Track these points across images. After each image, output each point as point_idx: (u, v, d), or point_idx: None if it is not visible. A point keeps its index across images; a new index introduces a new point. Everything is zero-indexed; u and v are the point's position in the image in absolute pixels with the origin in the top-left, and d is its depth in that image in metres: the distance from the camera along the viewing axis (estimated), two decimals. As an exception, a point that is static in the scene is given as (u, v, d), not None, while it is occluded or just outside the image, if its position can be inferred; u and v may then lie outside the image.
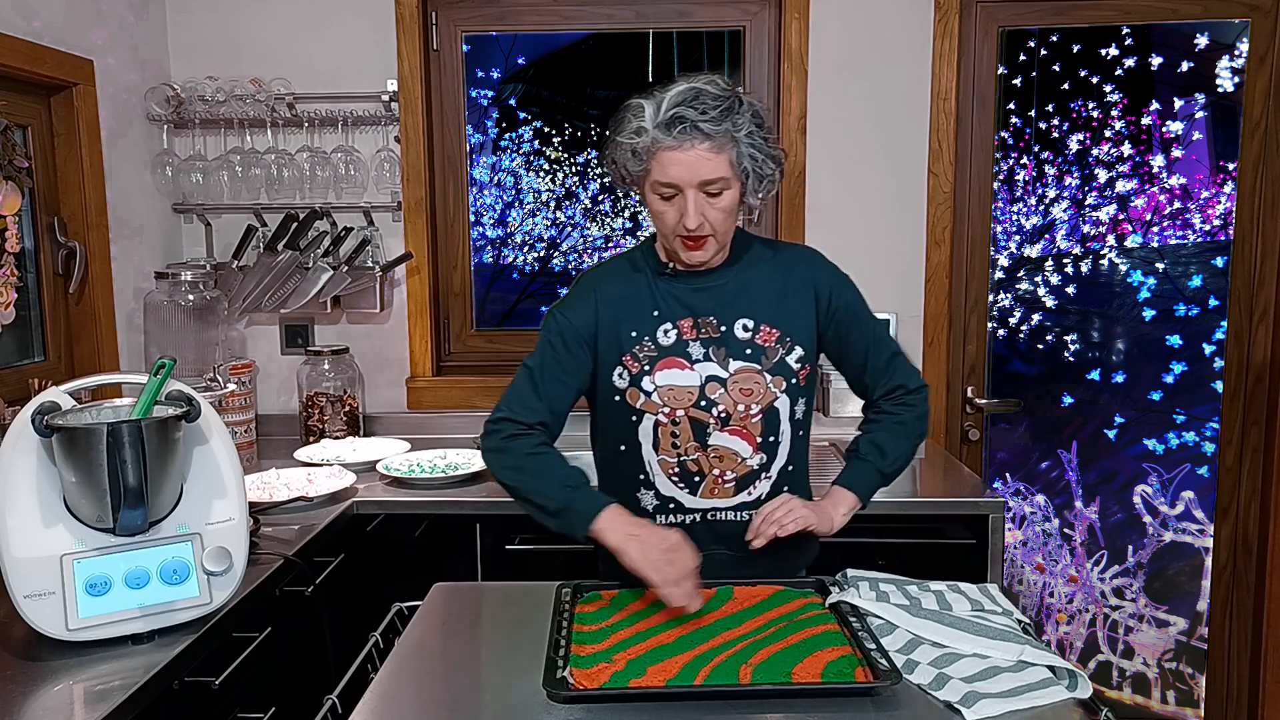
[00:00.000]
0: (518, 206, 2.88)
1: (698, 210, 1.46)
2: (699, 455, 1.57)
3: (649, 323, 1.57)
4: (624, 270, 1.63)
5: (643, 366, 1.56)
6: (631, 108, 1.48)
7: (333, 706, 1.30)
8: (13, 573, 1.36)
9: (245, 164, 2.69)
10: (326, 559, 1.97)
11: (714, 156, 1.44)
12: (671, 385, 1.55)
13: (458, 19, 2.76)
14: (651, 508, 1.61)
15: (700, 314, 1.57)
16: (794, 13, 2.64)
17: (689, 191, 1.46)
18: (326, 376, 2.69)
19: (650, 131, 1.44)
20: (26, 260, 2.23)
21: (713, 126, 1.43)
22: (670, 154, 1.44)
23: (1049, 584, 2.85)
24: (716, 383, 1.55)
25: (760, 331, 1.57)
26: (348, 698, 1.27)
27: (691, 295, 1.58)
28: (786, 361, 1.57)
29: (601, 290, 1.60)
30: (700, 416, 1.56)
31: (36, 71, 2.16)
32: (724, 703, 1.17)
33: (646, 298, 1.59)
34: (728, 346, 1.56)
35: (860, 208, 2.71)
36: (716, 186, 1.46)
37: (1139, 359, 2.76)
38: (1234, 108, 2.64)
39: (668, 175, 1.45)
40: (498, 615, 1.51)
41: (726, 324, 1.57)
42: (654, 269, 1.61)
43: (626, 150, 1.48)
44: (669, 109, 1.43)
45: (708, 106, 1.43)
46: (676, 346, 1.56)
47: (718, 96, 1.44)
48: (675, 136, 1.43)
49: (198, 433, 1.51)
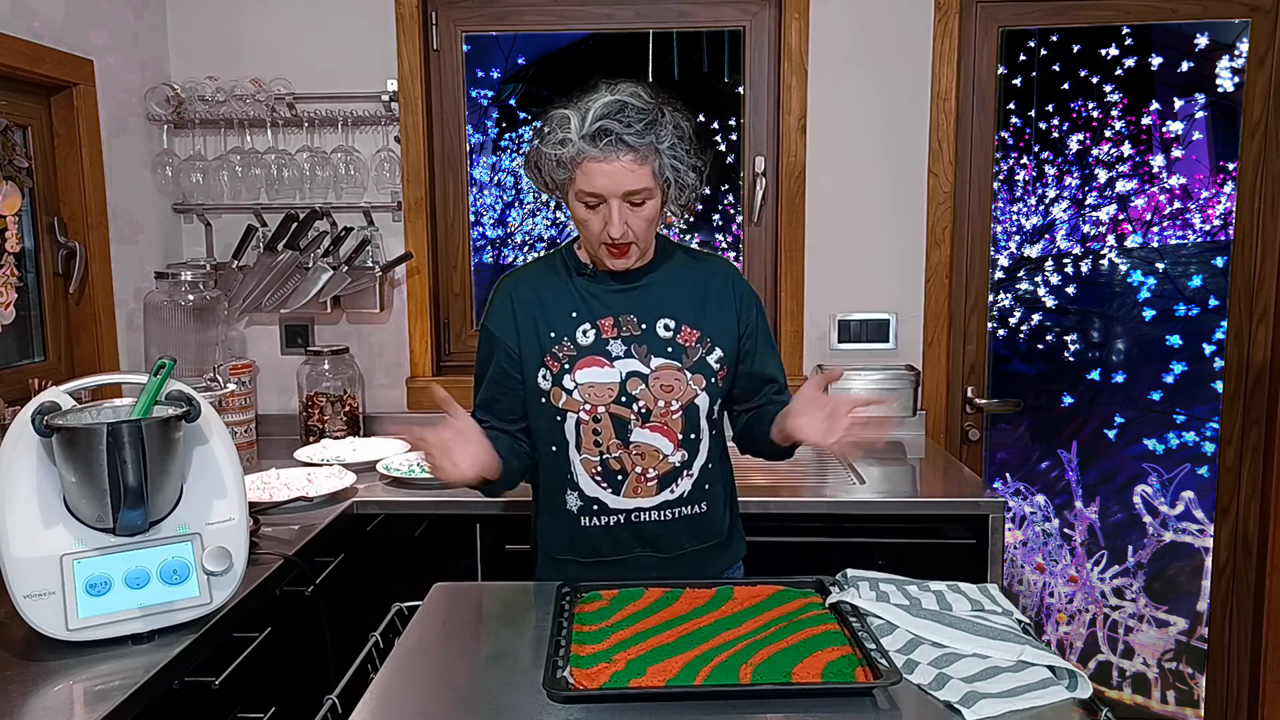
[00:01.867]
0: (518, 206, 2.88)
1: (621, 219, 1.50)
2: (621, 453, 1.59)
3: (568, 323, 1.61)
4: (541, 273, 1.67)
5: (563, 366, 1.59)
6: (556, 118, 1.50)
7: (333, 706, 1.30)
8: (13, 573, 1.36)
9: (245, 164, 2.69)
10: (326, 559, 1.97)
11: (637, 168, 1.47)
12: (592, 383, 1.58)
13: (458, 19, 2.76)
14: (576, 509, 1.63)
15: (620, 313, 1.60)
16: (794, 13, 2.64)
17: (613, 201, 1.49)
18: (326, 376, 2.69)
19: (576, 143, 1.47)
20: (26, 260, 2.23)
21: (637, 139, 1.45)
22: (595, 165, 1.47)
23: (1049, 584, 2.85)
24: (638, 379, 1.58)
25: (681, 331, 1.61)
26: (348, 698, 1.27)
27: (611, 296, 1.61)
28: (707, 361, 1.61)
29: (517, 296, 1.64)
30: (621, 413, 1.58)
31: (36, 71, 2.16)
32: (724, 703, 1.17)
33: (565, 299, 1.62)
34: (649, 344, 1.59)
35: (860, 208, 2.71)
36: (640, 196, 1.50)
37: (1139, 359, 2.76)
38: (1234, 108, 2.64)
39: (592, 185, 1.48)
40: (498, 615, 1.51)
41: (648, 323, 1.60)
42: (573, 269, 1.64)
43: (552, 159, 1.50)
44: (594, 121, 1.45)
45: (632, 119, 1.45)
46: (596, 345, 1.59)
47: (641, 110, 1.47)
48: (601, 149, 1.45)
49: (198, 433, 1.51)
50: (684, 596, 1.44)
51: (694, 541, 1.66)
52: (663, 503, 1.62)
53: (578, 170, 1.49)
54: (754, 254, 2.81)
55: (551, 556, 1.70)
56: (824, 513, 2.14)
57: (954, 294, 2.74)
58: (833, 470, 2.40)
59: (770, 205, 2.77)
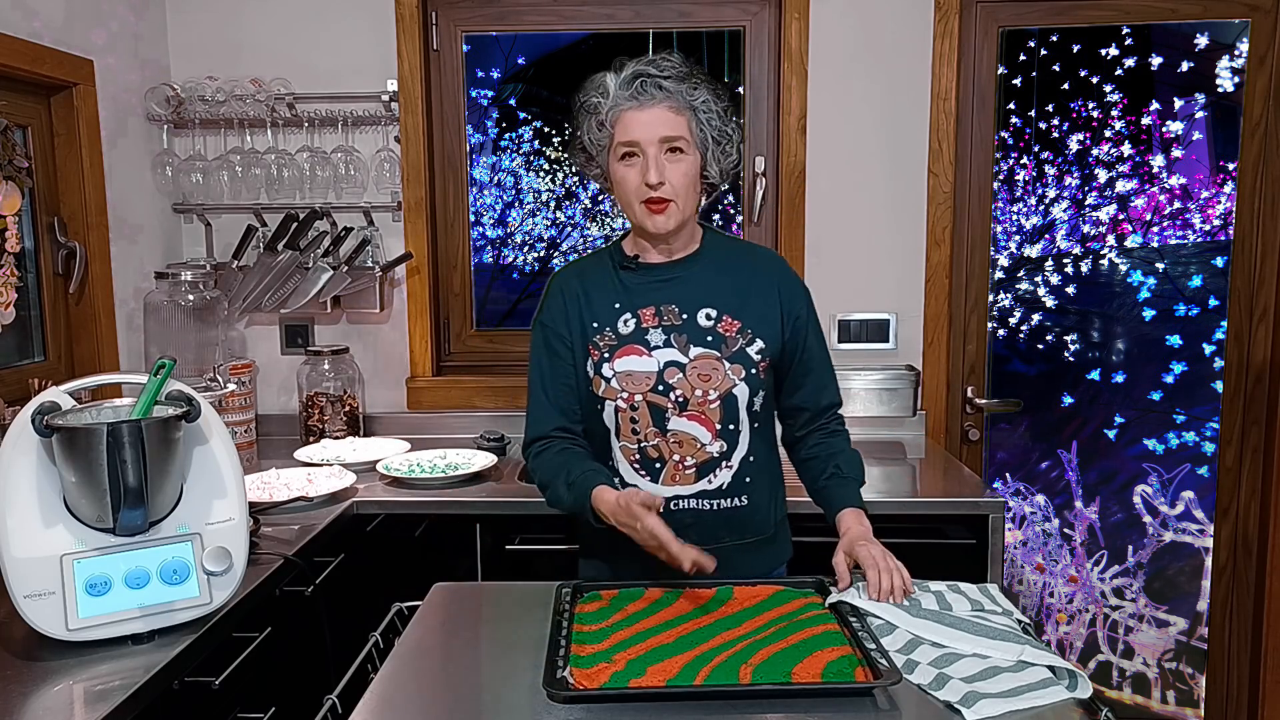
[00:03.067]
0: (518, 206, 2.88)
1: (658, 167, 1.53)
2: (659, 440, 1.59)
3: (610, 314, 1.62)
4: (587, 266, 1.70)
5: (603, 354, 1.60)
6: (594, 79, 1.58)
7: (333, 706, 1.30)
8: (13, 573, 1.36)
9: (245, 164, 2.69)
10: (326, 559, 1.97)
11: (673, 115, 1.52)
12: (630, 371, 1.59)
13: (458, 19, 2.76)
14: None
15: (662, 303, 1.62)
16: (794, 13, 2.64)
17: (649, 149, 1.52)
18: (326, 376, 2.69)
19: (613, 93, 1.53)
20: (26, 260, 2.23)
21: (673, 84, 1.52)
22: (631, 114, 1.53)
23: (1049, 584, 2.85)
24: (675, 368, 1.58)
25: (722, 321, 1.61)
26: (348, 698, 1.27)
27: (653, 286, 1.63)
28: (747, 352, 1.60)
29: (567, 287, 1.66)
30: (658, 401, 1.58)
31: (36, 71, 2.16)
32: (724, 703, 1.17)
33: (609, 290, 1.64)
34: (689, 334, 1.60)
35: (860, 208, 2.71)
36: (677, 145, 1.53)
37: (1139, 359, 2.76)
38: (1234, 108, 2.64)
39: (629, 134, 1.53)
40: (498, 615, 1.51)
41: (689, 313, 1.61)
42: (617, 263, 1.66)
43: (592, 119, 1.56)
44: (630, 70, 1.53)
45: (666, 66, 1.53)
46: (635, 334, 1.60)
47: (675, 63, 1.54)
48: (635, 94, 1.52)
49: (198, 433, 1.51)
50: (684, 596, 1.44)
51: (734, 536, 1.64)
52: (700, 492, 1.61)
53: (616, 125, 1.54)
54: (754, 254, 2.81)
55: (591, 549, 1.70)
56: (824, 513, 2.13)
57: (954, 294, 2.74)
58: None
59: (770, 205, 2.77)
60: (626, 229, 1.71)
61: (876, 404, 2.63)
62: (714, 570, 1.42)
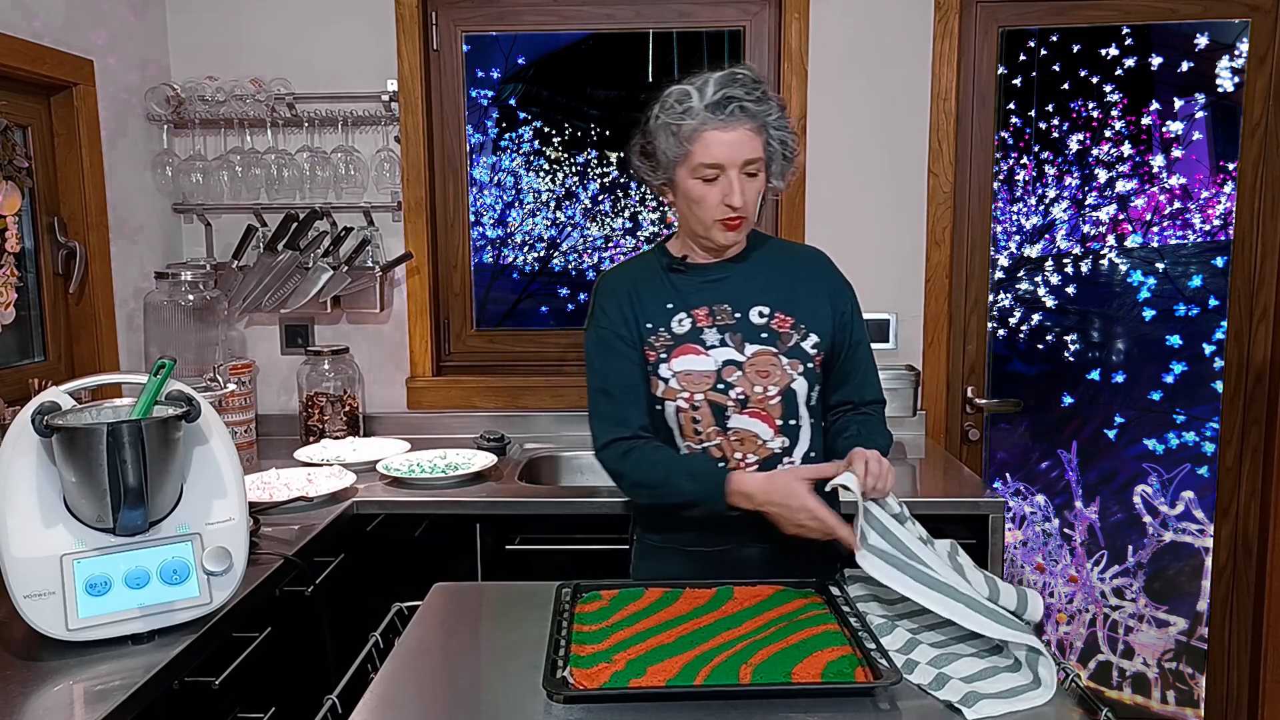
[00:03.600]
0: (518, 206, 2.88)
1: (741, 188, 1.53)
2: (720, 440, 1.59)
3: (663, 314, 1.63)
4: (636, 268, 1.70)
5: (659, 355, 1.60)
6: (674, 93, 1.54)
7: (333, 706, 1.29)
8: (13, 573, 1.36)
9: (245, 164, 2.68)
10: (326, 559, 1.97)
11: (754, 138, 1.53)
12: (688, 370, 1.59)
13: (458, 19, 2.76)
14: None
15: (714, 303, 1.62)
16: (794, 13, 2.64)
17: (732, 171, 1.53)
18: (326, 376, 2.69)
19: (700, 112, 1.50)
20: (26, 260, 2.23)
21: (756, 107, 1.52)
22: (716, 134, 1.51)
23: (1049, 584, 2.85)
24: (733, 366, 1.59)
25: (775, 318, 1.62)
26: (348, 698, 1.26)
27: (704, 287, 1.63)
28: (802, 346, 1.61)
29: (620, 288, 1.66)
30: (718, 399, 1.58)
31: (36, 71, 2.16)
32: (724, 703, 1.17)
33: (660, 292, 1.64)
34: (744, 332, 1.61)
35: (860, 208, 2.71)
36: (754, 167, 1.54)
37: (1139, 359, 2.76)
38: (1234, 108, 2.64)
39: (712, 156, 1.52)
40: (498, 615, 1.51)
41: (741, 311, 1.62)
42: (665, 265, 1.66)
43: (669, 132, 1.53)
44: (717, 90, 1.51)
45: (749, 88, 1.52)
46: (691, 334, 1.61)
47: (756, 81, 1.54)
48: (723, 117, 1.50)
49: (198, 433, 1.51)
50: (684, 596, 1.44)
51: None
52: None
53: (696, 142, 1.52)
54: (754, 254, 2.81)
55: (654, 546, 1.69)
56: (824, 513, 2.13)
57: (954, 294, 2.74)
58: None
59: (770, 205, 2.77)
60: (670, 232, 1.72)
61: (876, 404, 2.63)
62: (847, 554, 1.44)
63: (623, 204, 2.85)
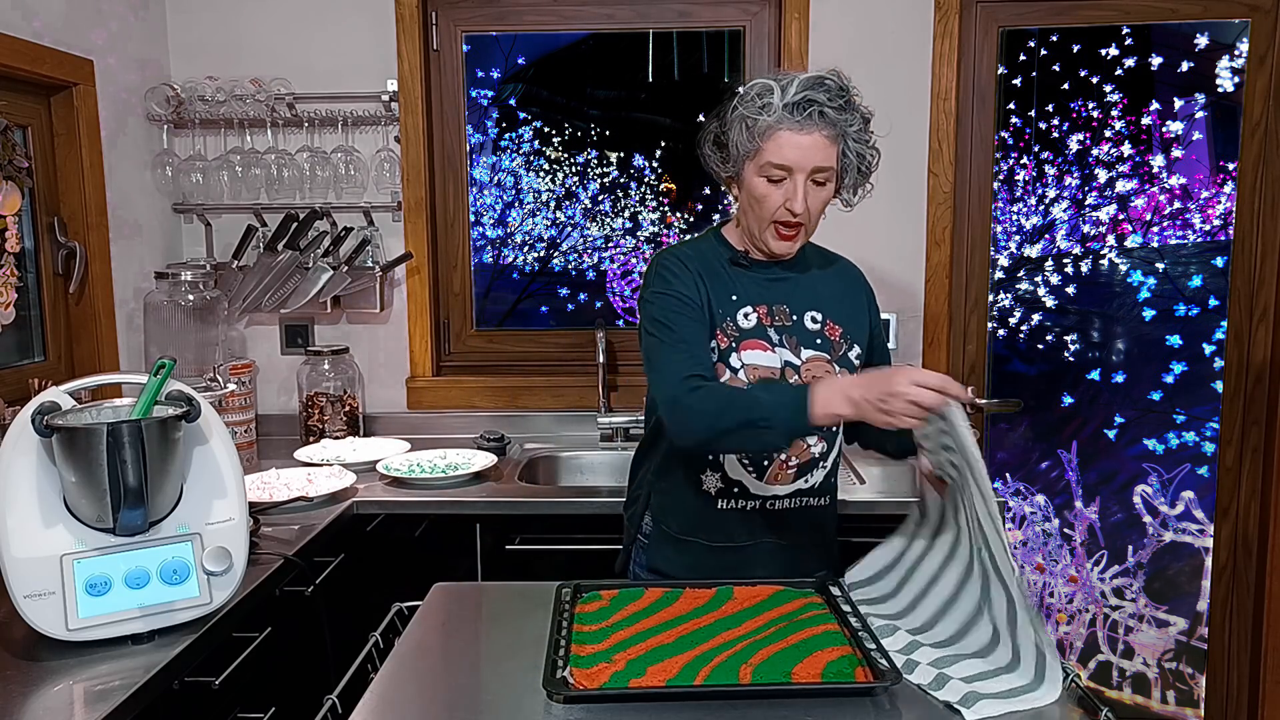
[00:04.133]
0: (518, 206, 2.88)
1: (804, 195, 1.51)
2: None
3: (730, 305, 1.61)
4: (703, 252, 1.65)
5: (730, 343, 1.59)
6: (758, 86, 1.51)
7: (333, 706, 1.29)
8: (13, 573, 1.36)
9: (245, 164, 2.68)
10: (326, 559, 1.97)
11: (828, 146, 1.50)
12: (757, 364, 1.58)
13: (458, 19, 2.76)
14: (715, 490, 1.63)
15: (773, 302, 1.62)
16: (794, 13, 2.64)
17: (799, 176, 1.50)
18: (326, 376, 2.69)
19: (778, 109, 1.47)
20: (26, 260, 2.23)
21: (835, 115, 1.49)
22: (790, 135, 1.48)
23: (1049, 584, 2.85)
24: (791, 368, 1.59)
25: (827, 325, 1.63)
26: (348, 698, 1.27)
27: (764, 285, 1.63)
28: (848, 356, 1.63)
29: (689, 265, 1.60)
30: None
31: (36, 71, 2.16)
32: (724, 703, 1.17)
33: (724, 281, 1.62)
34: (799, 336, 1.61)
35: (860, 207, 2.69)
36: (824, 175, 1.52)
37: (1139, 359, 2.76)
38: (1234, 108, 2.64)
39: (783, 157, 1.49)
40: (498, 615, 1.51)
41: (797, 314, 1.62)
42: (729, 256, 1.64)
43: (744, 125, 1.50)
44: (799, 91, 1.47)
45: (833, 95, 1.49)
46: (757, 330, 1.60)
47: (841, 88, 1.51)
48: (800, 119, 1.47)
49: (198, 433, 1.51)
50: (684, 596, 1.44)
51: (811, 534, 1.67)
52: (795, 491, 1.63)
53: (769, 140, 1.49)
54: (754, 254, 2.81)
55: (674, 536, 1.67)
56: (824, 513, 2.13)
57: (954, 294, 2.74)
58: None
59: (770, 205, 2.77)
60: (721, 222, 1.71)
61: (876, 404, 2.63)
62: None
63: (623, 204, 2.85)
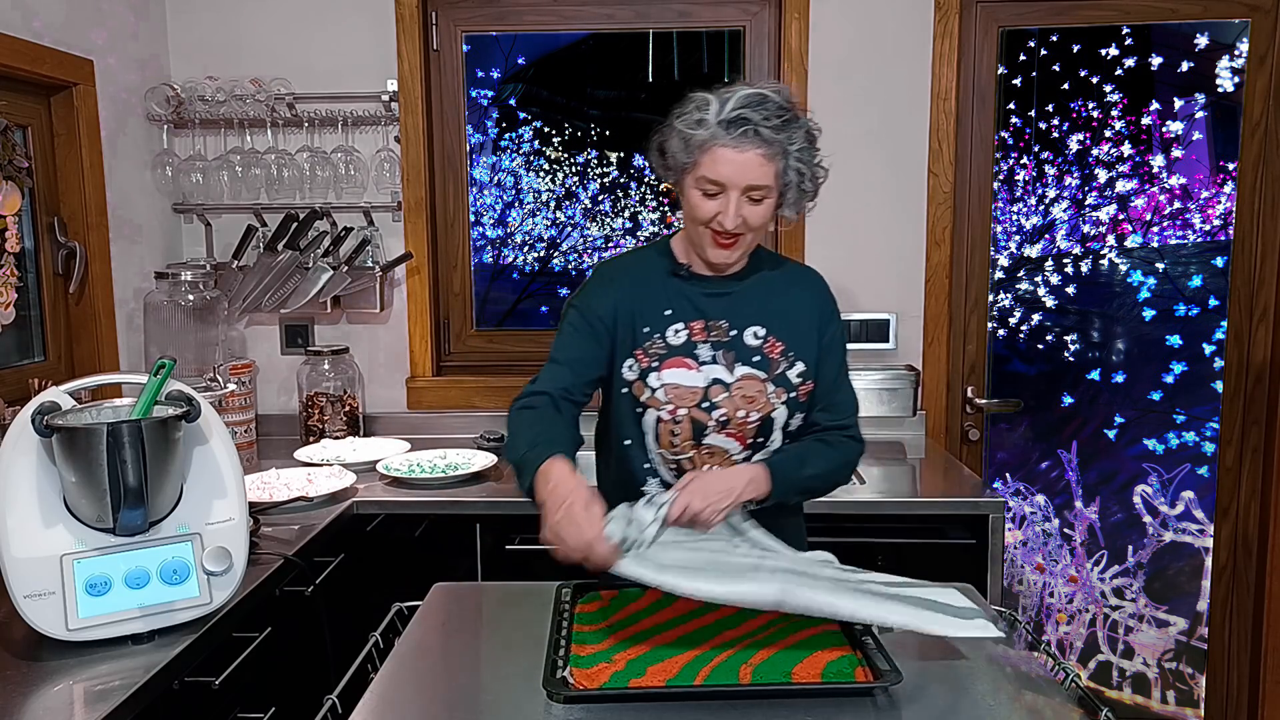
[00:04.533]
0: (518, 206, 2.88)
1: (738, 212, 1.49)
2: (694, 452, 1.59)
3: (661, 321, 1.60)
4: (641, 264, 1.65)
5: (651, 363, 1.58)
6: (695, 99, 1.50)
7: (333, 706, 1.29)
8: (13, 573, 1.36)
9: (245, 164, 2.68)
10: (326, 559, 1.97)
11: (765, 164, 1.48)
12: (677, 384, 1.57)
13: (458, 19, 2.76)
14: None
15: (712, 317, 1.60)
16: (794, 13, 2.64)
17: (732, 193, 1.48)
18: (326, 376, 2.69)
19: (711, 125, 1.46)
20: (26, 260, 2.23)
21: (772, 134, 1.46)
22: (724, 152, 1.47)
23: (1049, 584, 2.85)
24: (720, 386, 1.57)
25: (768, 342, 1.60)
26: (348, 698, 1.26)
27: (704, 299, 1.61)
28: (788, 375, 1.59)
29: (620, 281, 1.62)
30: (701, 418, 1.57)
31: (36, 71, 2.16)
32: (724, 703, 1.17)
33: (660, 295, 1.61)
34: (737, 351, 1.59)
35: (860, 208, 2.71)
36: (760, 193, 1.50)
37: (1139, 359, 2.76)
38: (1234, 108, 2.64)
39: (717, 173, 1.48)
40: (498, 615, 1.51)
41: (738, 329, 1.60)
42: (669, 269, 1.63)
43: (680, 138, 1.49)
44: (734, 108, 1.45)
45: (770, 113, 1.46)
46: (685, 347, 1.59)
47: (781, 106, 1.48)
48: (734, 137, 1.45)
49: (198, 433, 1.51)
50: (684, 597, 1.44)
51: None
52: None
53: (705, 155, 1.48)
54: (754, 254, 2.81)
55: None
56: (824, 513, 2.13)
57: (954, 294, 2.74)
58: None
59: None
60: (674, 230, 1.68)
61: (876, 404, 2.63)
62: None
63: (623, 204, 2.85)
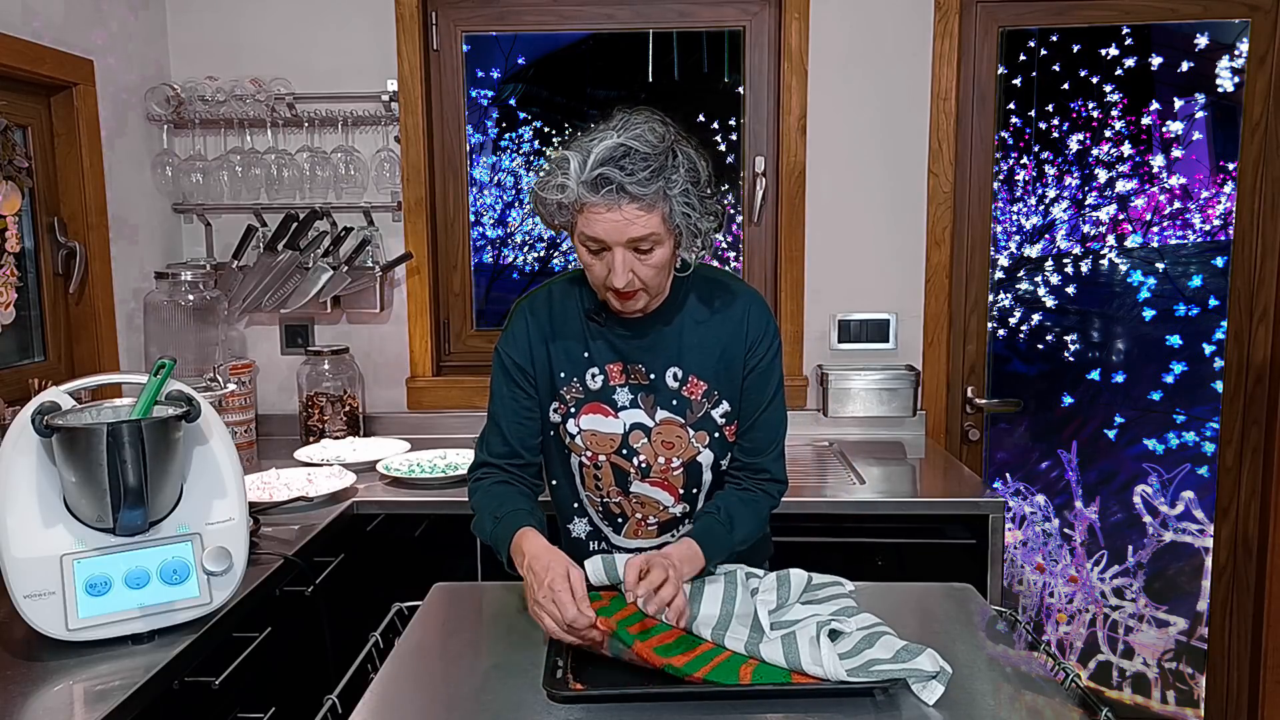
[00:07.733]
0: (518, 206, 2.88)
1: (625, 268, 1.38)
2: (621, 499, 1.57)
3: (579, 364, 1.53)
4: (557, 301, 1.56)
5: (569, 408, 1.54)
6: (554, 160, 1.39)
7: (333, 706, 1.29)
8: (13, 573, 1.36)
9: (245, 164, 2.68)
10: (326, 559, 1.97)
11: (643, 215, 1.35)
12: (595, 430, 1.54)
13: (458, 19, 2.76)
14: (585, 535, 1.63)
15: (630, 360, 1.53)
16: (794, 13, 2.64)
17: (616, 250, 1.37)
18: (326, 376, 2.68)
19: (574, 189, 1.35)
20: (26, 260, 2.23)
21: (640, 189, 1.33)
22: (595, 213, 1.36)
23: (1049, 584, 2.85)
24: (641, 431, 1.53)
25: (688, 383, 1.52)
26: (348, 698, 1.26)
27: (622, 342, 1.53)
28: (712, 415, 1.53)
29: (534, 322, 1.55)
30: (621, 464, 1.55)
31: (36, 71, 2.16)
32: (724, 703, 1.17)
33: (578, 337, 1.54)
34: (656, 394, 1.53)
35: (860, 208, 2.71)
36: (646, 244, 1.38)
37: (1139, 359, 2.76)
38: (1234, 108, 2.64)
39: (594, 231, 1.37)
40: (498, 615, 1.51)
41: (656, 372, 1.52)
42: (587, 309, 1.54)
43: (552, 204, 1.39)
44: (594, 167, 1.33)
45: (636, 167, 1.32)
46: (602, 392, 1.53)
47: (647, 155, 1.33)
48: (602, 197, 1.34)
49: (198, 433, 1.51)
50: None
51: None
52: (664, 543, 1.55)
53: (580, 214, 1.37)
54: (754, 254, 2.81)
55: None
56: (824, 513, 2.14)
57: (954, 294, 2.74)
58: (832, 470, 2.40)
59: (770, 205, 2.77)
60: None
61: (876, 404, 2.63)
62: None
63: (623, 204, 2.85)
